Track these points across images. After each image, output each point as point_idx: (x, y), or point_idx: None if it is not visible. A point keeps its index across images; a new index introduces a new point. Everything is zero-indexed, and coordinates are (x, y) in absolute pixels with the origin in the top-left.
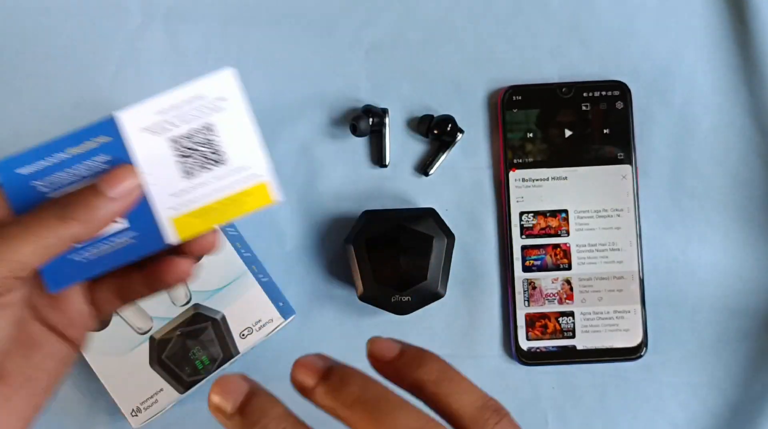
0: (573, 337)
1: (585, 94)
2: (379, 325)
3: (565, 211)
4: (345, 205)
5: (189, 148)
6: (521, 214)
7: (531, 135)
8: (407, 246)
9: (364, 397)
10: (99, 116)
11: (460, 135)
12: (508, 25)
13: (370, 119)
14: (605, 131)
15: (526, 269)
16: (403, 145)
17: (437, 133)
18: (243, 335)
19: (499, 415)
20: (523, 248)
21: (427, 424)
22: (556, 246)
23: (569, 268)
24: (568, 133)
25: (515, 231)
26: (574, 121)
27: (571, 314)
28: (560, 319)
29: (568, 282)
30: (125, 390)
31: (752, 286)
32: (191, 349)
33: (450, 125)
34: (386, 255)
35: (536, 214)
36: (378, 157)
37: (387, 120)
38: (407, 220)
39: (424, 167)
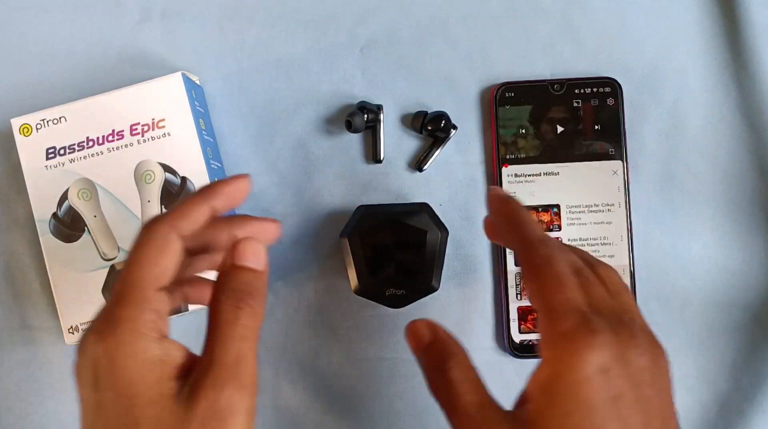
0: None
1: (576, 91)
2: (373, 319)
3: (557, 206)
4: (340, 200)
5: None
6: None
7: (523, 131)
8: (401, 240)
9: None
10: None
11: (453, 131)
12: (501, 23)
13: (365, 115)
14: (596, 127)
15: (518, 263)
16: (398, 141)
17: (431, 129)
18: None
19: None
20: None
21: None
22: None
23: None
24: (559, 129)
25: None
26: (565, 118)
27: None
28: None
29: None
30: (71, 306)
31: (741, 279)
32: None
33: (443, 121)
34: (381, 249)
35: (528, 209)
36: (373, 153)
37: (381, 116)
38: (401, 215)
39: (418, 163)
